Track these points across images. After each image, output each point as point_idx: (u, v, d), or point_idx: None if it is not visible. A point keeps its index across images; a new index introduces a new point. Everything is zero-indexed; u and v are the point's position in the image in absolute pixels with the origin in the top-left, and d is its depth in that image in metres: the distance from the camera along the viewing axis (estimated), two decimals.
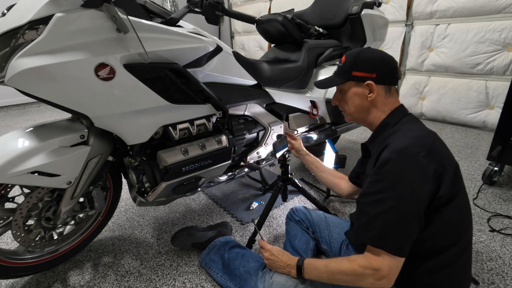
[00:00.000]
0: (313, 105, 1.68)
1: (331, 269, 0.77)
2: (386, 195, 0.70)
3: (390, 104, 0.86)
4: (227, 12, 1.20)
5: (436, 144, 0.73)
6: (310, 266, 0.83)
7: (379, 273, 0.69)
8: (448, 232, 0.73)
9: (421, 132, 0.76)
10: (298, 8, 2.03)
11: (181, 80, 1.12)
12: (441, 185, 0.70)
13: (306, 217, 1.19)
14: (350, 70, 0.86)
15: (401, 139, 0.74)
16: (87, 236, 1.30)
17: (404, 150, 0.70)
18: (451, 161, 0.74)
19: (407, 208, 0.68)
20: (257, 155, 1.57)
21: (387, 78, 0.84)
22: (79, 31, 0.86)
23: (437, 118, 3.12)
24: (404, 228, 0.69)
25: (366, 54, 0.85)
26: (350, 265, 0.74)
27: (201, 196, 1.82)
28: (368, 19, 1.75)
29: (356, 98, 0.87)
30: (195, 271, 1.23)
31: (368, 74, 0.84)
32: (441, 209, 0.71)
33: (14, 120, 3.81)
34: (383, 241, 0.70)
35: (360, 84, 0.86)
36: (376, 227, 0.70)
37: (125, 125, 1.01)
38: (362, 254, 0.74)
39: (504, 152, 1.72)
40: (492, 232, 1.42)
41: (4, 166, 0.89)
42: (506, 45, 2.50)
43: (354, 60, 0.86)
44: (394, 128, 0.81)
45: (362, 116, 0.89)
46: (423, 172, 0.69)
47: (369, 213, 0.72)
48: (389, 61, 0.84)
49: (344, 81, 0.89)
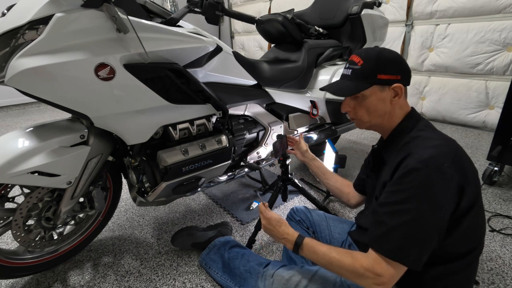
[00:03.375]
0: (313, 105, 1.68)
1: (331, 259, 0.74)
2: (408, 207, 0.66)
3: (402, 106, 0.81)
4: (227, 12, 1.20)
5: (458, 152, 0.70)
6: (310, 249, 0.80)
7: (379, 279, 0.67)
8: (465, 241, 0.71)
9: (443, 140, 0.73)
10: (298, 8, 2.03)
11: (181, 80, 1.12)
12: (463, 197, 0.67)
13: (307, 217, 1.19)
14: (375, 73, 0.77)
15: (424, 148, 0.70)
16: (87, 236, 1.30)
17: (430, 161, 0.66)
18: (472, 169, 0.71)
19: (429, 221, 0.65)
20: (257, 155, 1.57)
21: (408, 79, 0.80)
22: (79, 31, 0.86)
23: (437, 118, 3.12)
24: (424, 242, 0.66)
25: (387, 54, 0.78)
26: (353, 262, 0.71)
27: (201, 196, 1.82)
28: (368, 19, 1.75)
29: (379, 104, 0.79)
30: (195, 271, 1.23)
31: (394, 76, 0.77)
32: (460, 220, 0.68)
33: (14, 120, 3.80)
34: (401, 254, 0.66)
35: (384, 88, 0.78)
36: (395, 240, 0.67)
37: (125, 125, 1.01)
38: (367, 255, 0.71)
39: (504, 152, 1.72)
40: (492, 232, 1.42)
41: (4, 166, 0.89)
42: (506, 45, 2.50)
43: (377, 62, 0.77)
44: (411, 134, 0.76)
45: (380, 122, 0.82)
46: (447, 184, 0.65)
47: (388, 223, 0.68)
48: (405, 61, 0.80)
49: (369, 86, 0.78)
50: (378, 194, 0.80)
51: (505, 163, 1.79)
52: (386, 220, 0.69)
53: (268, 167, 2.16)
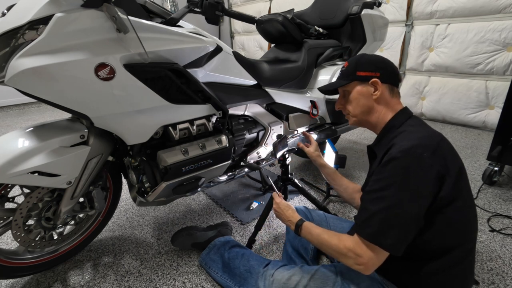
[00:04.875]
0: (313, 105, 1.68)
1: (322, 239, 0.83)
2: (387, 193, 0.71)
3: (393, 105, 0.87)
4: (227, 12, 1.20)
5: (441, 145, 0.74)
6: (306, 230, 0.89)
7: (359, 259, 0.73)
8: (452, 233, 0.73)
9: (427, 133, 0.77)
10: (298, 8, 2.03)
11: (181, 80, 1.12)
12: (443, 187, 0.70)
13: (307, 217, 1.19)
14: (354, 71, 0.89)
15: (407, 140, 0.74)
16: (87, 236, 1.30)
17: (409, 150, 0.71)
18: (455, 162, 0.74)
19: (406, 208, 0.69)
20: (257, 155, 1.57)
21: (391, 78, 0.87)
22: (79, 31, 0.86)
23: (437, 118, 3.12)
24: (401, 227, 0.70)
25: (368, 56, 0.90)
26: (338, 242, 0.78)
27: (201, 196, 1.82)
28: (368, 19, 1.75)
29: (361, 98, 0.89)
30: (195, 271, 1.23)
31: (373, 73, 0.87)
32: (443, 210, 0.71)
33: (14, 120, 3.81)
34: (380, 238, 0.71)
35: (364, 84, 0.88)
36: (375, 224, 0.71)
37: (125, 125, 1.01)
38: (351, 237, 0.77)
39: (504, 152, 1.72)
40: (492, 232, 1.42)
41: (4, 166, 0.89)
42: (506, 45, 2.50)
43: (357, 62, 0.90)
44: (399, 129, 0.82)
45: (367, 118, 0.90)
46: (425, 173, 0.69)
47: (370, 209, 0.73)
48: (390, 63, 0.89)
49: (349, 82, 0.91)
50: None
51: (505, 163, 1.79)
52: (368, 206, 0.75)
53: (268, 167, 2.16)
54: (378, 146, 0.87)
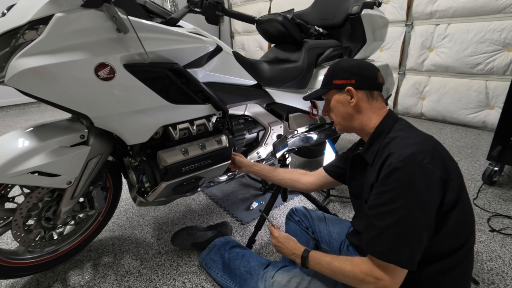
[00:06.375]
0: (313, 105, 1.68)
1: (334, 268, 0.78)
2: (394, 207, 0.67)
3: (376, 109, 0.85)
4: (227, 12, 1.20)
5: (436, 147, 0.73)
6: (315, 260, 0.84)
7: (380, 283, 0.68)
8: (455, 236, 0.72)
9: (421, 137, 0.75)
10: (298, 8, 2.03)
11: (181, 80, 1.12)
12: (447, 192, 0.68)
13: (306, 217, 1.19)
14: (330, 79, 0.90)
15: (404, 147, 0.72)
16: (87, 236, 1.30)
17: (409, 158, 0.68)
18: (452, 163, 0.73)
19: (416, 219, 0.66)
20: (257, 155, 1.57)
21: (366, 83, 0.85)
22: (79, 31, 0.86)
23: (437, 118, 3.12)
24: (415, 240, 0.67)
25: (344, 63, 0.89)
26: (353, 268, 0.73)
27: (201, 196, 1.82)
28: (368, 19, 1.75)
29: (339, 106, 0.89)
30: (195, 271, 1.23)
31: (347, 81, 0.86)
32: (447, 215, 0.69)
33: (14, 120, 3.81)
34: (394, 255, 0.67)
35: (341, 92, 0.88)
36: (386, 241, 0.68)
37: (125, 125, 1.01)
38: (365, 260, 0.73)
39: (504, 152, 1.72)
40: (492, 232, 1.42)
41: (4, 166, 0.89)
42: (506, 45, 2.50)
43: (333, 70, 0.90)
44: (390, 135, 0.80)
45: (350, 124, 0.90)
46: (429, 179, 0.67)
47: (378, 226, 0.70)
48: (367, 67, 0.86)
49: (326, 91, 0.91)
50: (367, 197, 0.81)
51: (505, 163, 1.79)
52: (375, 222, 0.70)
53: None
54: (369, 153, 0.85)
